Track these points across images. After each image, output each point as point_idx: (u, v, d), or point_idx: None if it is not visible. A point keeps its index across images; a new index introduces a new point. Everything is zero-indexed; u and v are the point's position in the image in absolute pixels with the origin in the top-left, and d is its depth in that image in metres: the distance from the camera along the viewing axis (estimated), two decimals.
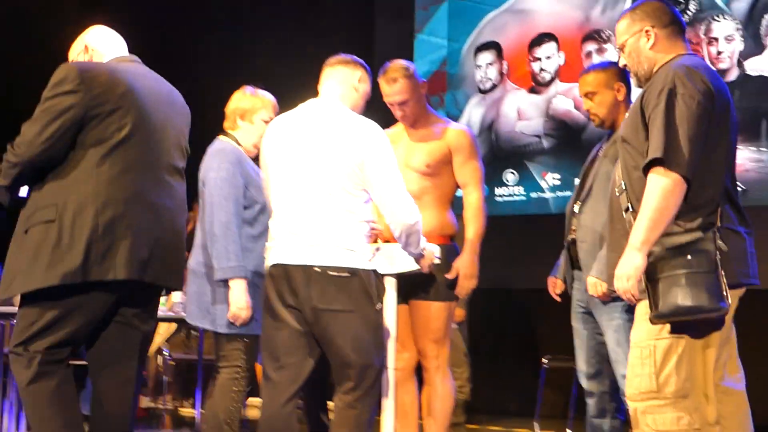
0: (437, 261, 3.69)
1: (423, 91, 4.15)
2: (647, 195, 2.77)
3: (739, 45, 6.69)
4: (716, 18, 6.84)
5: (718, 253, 2.74)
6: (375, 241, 3.61)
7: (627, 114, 3.10)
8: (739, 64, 6.69)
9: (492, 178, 7.44)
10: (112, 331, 3.26)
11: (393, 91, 4.03)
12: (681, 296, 2.70)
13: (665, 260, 2.76)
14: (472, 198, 4.09)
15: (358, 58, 3.62)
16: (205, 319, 3.82)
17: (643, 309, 2.86)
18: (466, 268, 4.00)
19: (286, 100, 3.97)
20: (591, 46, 7.41)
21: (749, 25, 6.66)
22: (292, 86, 4.61)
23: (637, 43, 2.98)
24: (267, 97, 4.04)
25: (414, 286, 4.01)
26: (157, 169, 3.25)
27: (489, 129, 7.80)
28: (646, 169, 2.80)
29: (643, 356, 2.85)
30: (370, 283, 3.35)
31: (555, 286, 4.01)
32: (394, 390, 3.64)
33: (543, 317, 7.11)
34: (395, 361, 4.06)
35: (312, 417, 3.90)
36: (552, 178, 7.40)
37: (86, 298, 3.12)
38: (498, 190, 7.61)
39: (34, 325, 3.10)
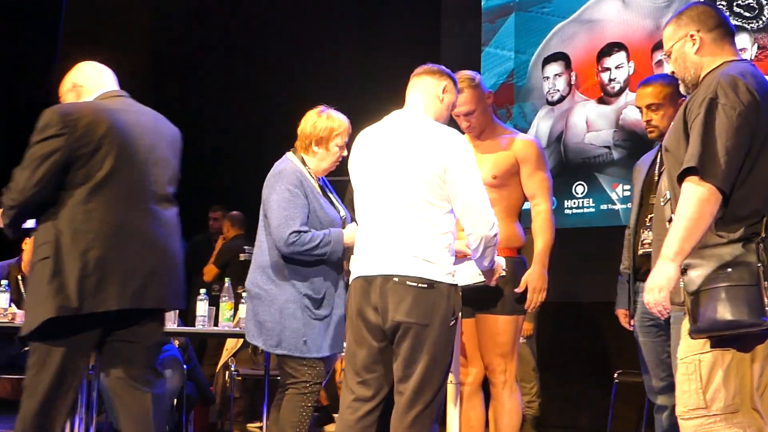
0: (503, 274, 3.63)
1: (489, 102, 4.10)
2: (681, 204, 2.72)
3: None
4: None
5: (761, 265, 2.65)
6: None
7: (672, 122, 3.02)
8: None
9: (561, 191, 7.34)
10: (110, 352, 3.43)
11: (459, 101, 3.98)
12: (720, 310, 2.63)
13: (706, 273, 2.68)
14: (541, 209, 4.02)
15: (446, 69, 3.59)
16: (259, 338, 3.84)
17: (685, 324, 2.78)
18: (534, 281, 3.93)
19: (354, 120, 3.99)
20: (661, 55, 7.20)
21: None
22: (359, 104, 4.60)
23: (683, 49, 2.92)
24: (342, 120, 4.05)
25: (481, 300, 3.95)
26: (144, 200, 3.41)
27: (558, 141, 7.69)
28: (681, 179, 2.74)
29: (689, 372, 2.77)
30: (449, 296, 3.32)
31: (626, 317, 3.99)
32: (461, 405, 3.58)
33: (614, 331, 6.90)
34: (462, 375, 4.02)
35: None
36: (622, 190, 7.26)
37: (81, 330, 3.31)
38: (567, 203, 7.49)
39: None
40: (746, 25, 6.88)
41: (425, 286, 3.29)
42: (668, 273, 2.72)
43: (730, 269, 2.66)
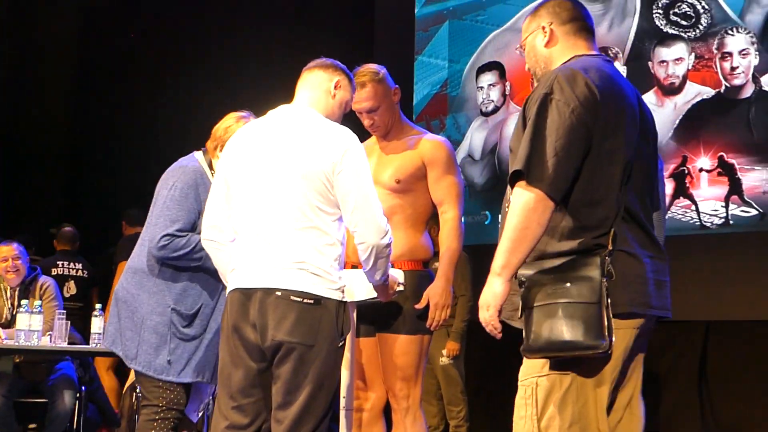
0: (400, 288, 3.28)
1: (396, 99, 3.74)
2: (509, 214, 2.44)
3: (754, 59, 6.29)
4: (729, 32, 6.45)
5: (604, 281, 2.37)
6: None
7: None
8: (755, 79, 6.29)
9: (495, 204, 7.06)
10: None
11: (361, 97, 3.63)
12: (555, 329, 2.36)
13: (542, 286, 2.42)
14: (448, 217, 3.64)
15: (341, 64, 3.25)
16: (118, 346, 3.52)
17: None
18: (437, 297, 3.54)
19: None
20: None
21: (765, 38, 6.26)
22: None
23: (534, 41, 2.71)
24: None
25: (381, 318, 3.61)
26: None
27: (492, 153, 7.46)
28: (512, 184, 2.46)
29: (526, 395, 2.50)
30: (337, 314, 2.96)
31: None
32: None
33: None
34: (362, 400, 3.66)
35: None
36: None
37: None
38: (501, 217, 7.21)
39: None
40: (683, 34, 6.67)
41: (311, 302, 2.94)
42: (494, 289, 2.46)
43: (569, 284, 2.38)
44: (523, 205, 2.41)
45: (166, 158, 3.85)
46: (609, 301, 2.37)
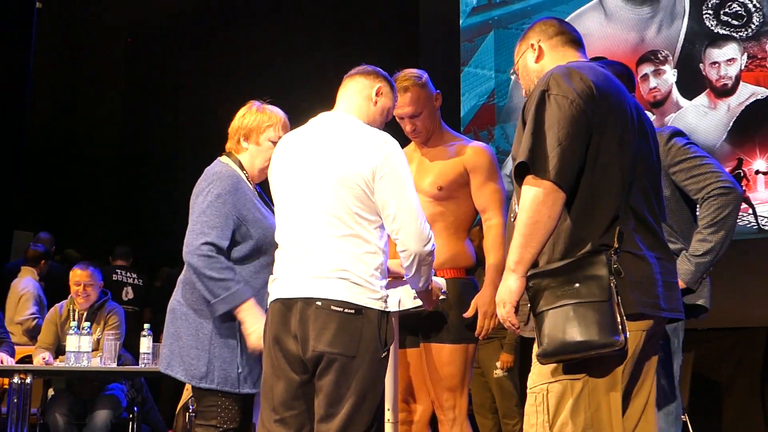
0: (443, 297, 3.20)
1: (437, 104, 3.67)
2: (519, 210, 2.42)
3: None
4: None
5: (613, 279, 2.36)
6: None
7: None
8: None
9: None
10: None
11: (403, 102, 3.57)
12: (568, 331, 2.34)
13: (551, 289, 2.40)
14: (493, 224, 3.57)
15: (383, 71, 3.20)
16: (179, 368, 3.34)
17: (535, 348, 2.48)
18: (485, 305, 3.46)
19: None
20: (647, 68, 6.92)
21: None
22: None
23: (525, 61, 2.75)
24: (276, 113, 3.51)
25: (426, 328, 3.54)
26: None
27: None
28: (520, 181, 2.44)
29: (536, 403, 2.46)
30: (379, 325, 2.89)
31: None
32: None
33: None
34: (407, 413, 3.58)
35: None
36: None
37: None
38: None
39: None
40: (734, 34, 6.53)
41: (352, 312, 2.86)
42: (509, 285, 2.46)
43: (578, 284, 2.36)
44: (532, 199, 2.39)
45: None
46: (619, 298, 2.36)
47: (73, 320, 5.52)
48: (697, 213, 3.31)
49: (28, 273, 6.97)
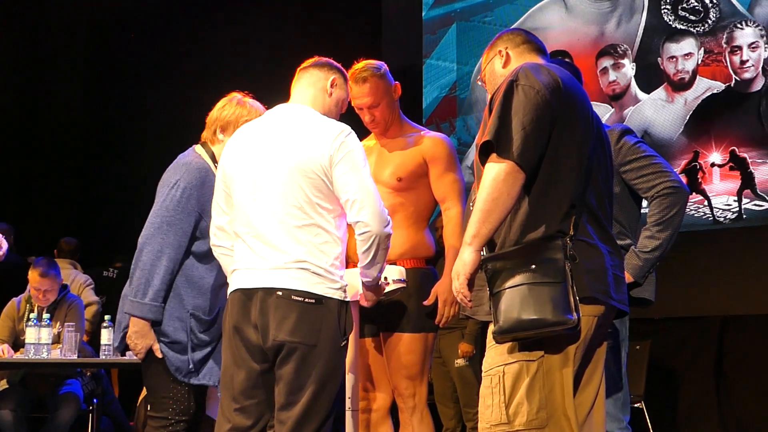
0: (402, 285, 3.24)
1: (396, 96, 3.70)
2: (480, 186, 2.52)
3: (764, 52, 6.25)
4: (739, 25, 6.40)
5: (567, 263, 2.47)
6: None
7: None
8: (765, 72, 6.23)
9: None
10: None
11: (362, 92, 3.60)
12: (523, 309, 2.44)
13: (507, 270, 2.50)
14: (452, 214, 3.61)
15: (336, 63, 3.23)
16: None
17: (491, 329, 2.56)
18: (445, 293, 3.50)
19: None
20: (606, 62, 7.00)
21: None
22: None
23: (493, 67, 2.88)
24: (255, 108, 3.50)
25: (386, 316, 3.57)
26: None
27: None
28: (484, 159, 2.54)
29: (492, 384, 2.56)
30: (339, 314, 2.93)
31: None
32: None
33: None
34: (368, 401, 3.62)
35: None
36: None
37: None
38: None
39: None
40: (692, 29, 6.62)
41: (312, 301, 2.90)
42: (464, 258, 2.54)
43: (534, 266, 2.47)
44: (494, 177, 2.48)
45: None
46: (574, 282, 2.46)
47: (32, 313, 5.49)
48: (646, 210, 3.40)
49: None
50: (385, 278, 3.24)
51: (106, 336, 4.97)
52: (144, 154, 8.61)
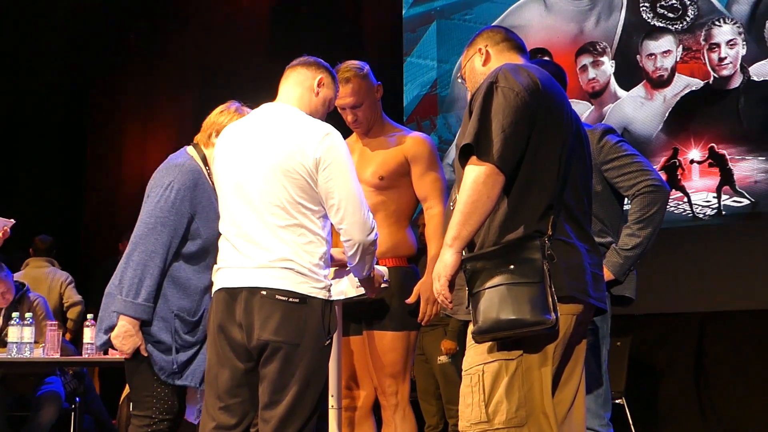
0: (385, 285, 3.26)
1: (379, 96, 3.72)
2: (461, 189, 2.54)
3: (741, 50, 6.29)
4: (717, 23, 6.45)
5: (545, 263, 2.49)
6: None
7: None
8: (743, 69, 6.29)
9: None
10: None
11: (345, 92, 3.61)
12: (501, 309, 2.46)
13: (486, 271, 2.52)
14: (434, 213, 3.63)
15: (324, 62, 3.23)
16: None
17: (471, 329, 2.58)
18: (427, 292, 3.52)
19: None
20: (586, 60, 7.04)
21: (752, 28, 6.27)
22: None
23: (473, 64, 2.89)
24: None
25: (369, 315, 3.59)
26: None
27: None
28: (463, 161, 2.56)
29: (472, 383, 2.57)
30: (323, 313, 2.94)
31: None
32: None
33: None
34: (351, 399, 3.63)
35: None
36: None
37: None
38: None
39: None
40: (670, 27, 6.67)
41: (296, 301, 2.90)
42: (445, 260, 2.56)
43: (512, 266, 2.49)
44: (474, 179, 2.50)
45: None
46: (552, 282, 2.48)
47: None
48: (627, 209, 3.43)
49: None
50: (385, 280, 3.26)
51: (89, 334, 4.95)
52: (125, 154, 8.60)
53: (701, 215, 6.35)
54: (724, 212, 6.24)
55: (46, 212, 8.57)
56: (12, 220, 4.62)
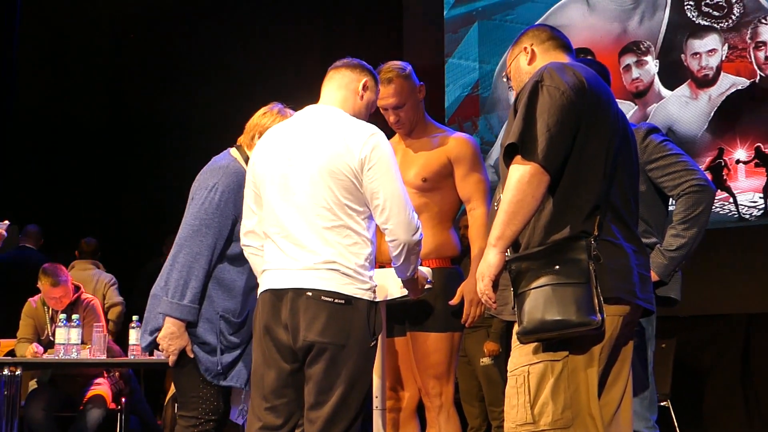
0: (428, 286, 3.26)
1: (421, 96, 3.72)
2: (505, 189, 2.53)
3: None
4: (763, 20, 6.38)
5: (591, 263, 2.47)
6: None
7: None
8: None
9: None
10: None
11: (387, 93, 3.61)
12: (546, 310, 2.45)
13: (531, 271, 2.51)
14: (477, 214, 3.63)
15: (368, 64, 3.24)
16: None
17: (516, 329, 2.57)
18: (471, 293, 3.51)
19: None
20: (629, 59, 6.98)
21: None
22: None
23: (518, 63, 2.88)
24: None
25: (413, 316, 3.59)
26: None
27: None
28: (508, 162, 2.56)
29: (517, 384, 2.56)
30: (368, 314, 2.95)
31: None
32: None
33: None
34: (395, 400, 3.64)
35: None
36: None
37: None
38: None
39: None
40: (715, 25, 6.59)
41: (342, 302, 2.91)
42: (489, 260, 2.55)
43: (558, 267, 2.48)
44: (518, 179, 2.49)
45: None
46: (598, 282, 2.47)
47: (50, 317, 5.55)
48: (672, 209, 3.39)
49: None
50: (429, 281, 3.26)
51: (134, 336, 5.01)
52: (168, 157, 8.67)
53: (747, 216, 6.27)
54: None
55: (92, 214, 8.67)
56: (6, 221, 4.66)
